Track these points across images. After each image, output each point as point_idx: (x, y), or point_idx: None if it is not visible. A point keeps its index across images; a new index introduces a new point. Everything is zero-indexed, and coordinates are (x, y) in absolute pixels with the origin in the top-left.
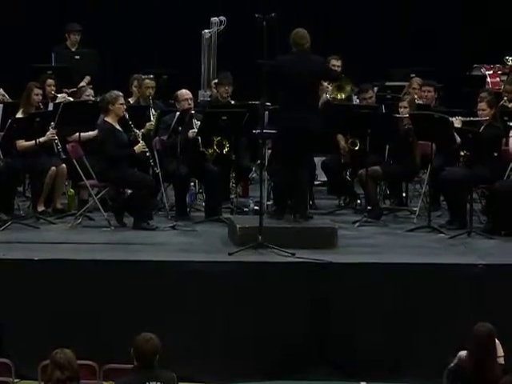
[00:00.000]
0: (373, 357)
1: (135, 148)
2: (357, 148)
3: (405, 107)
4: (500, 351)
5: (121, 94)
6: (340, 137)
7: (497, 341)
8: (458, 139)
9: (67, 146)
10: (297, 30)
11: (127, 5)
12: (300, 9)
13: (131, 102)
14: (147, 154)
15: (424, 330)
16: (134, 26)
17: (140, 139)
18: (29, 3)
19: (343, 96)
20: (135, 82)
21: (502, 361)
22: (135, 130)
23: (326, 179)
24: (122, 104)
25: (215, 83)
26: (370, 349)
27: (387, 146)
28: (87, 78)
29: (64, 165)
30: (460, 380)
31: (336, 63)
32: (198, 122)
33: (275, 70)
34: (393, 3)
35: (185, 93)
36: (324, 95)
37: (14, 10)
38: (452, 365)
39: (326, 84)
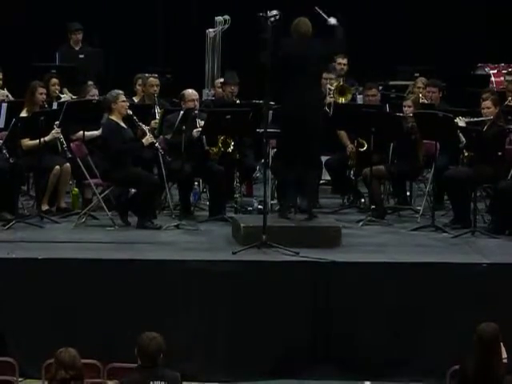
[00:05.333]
0: (376, 356)
1: (143, 140)
2: (363, 149)
3: (409, 106)
4: (504, 354)
5: (121, 92)
6: (342, 133)
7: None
8: (463, 139)
9: (71, 144)
10: (299, 18)
11: (131, 3)
12: (304, 8)
13: (136, 101)
14: (156, 144)
15: (428, 329)
16: (138, 24)
17: (148, 131)
18: (32, 2)
19: (344, 101)
20: (139, 81)
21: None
22: (140, 123)
23: (330, 178)
24: (123, 101)
25: (221, 83)
26: (373, 348)
27: (391, 145)
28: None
29: (68, 164)
30: (464, 380)
31: (342, 61)
32: (202, 122)
33: (277, 53)
34: (397, 2)
35: (192, 93)
36: (328, 98)
37: (18, 9)
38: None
39: (328, 86)
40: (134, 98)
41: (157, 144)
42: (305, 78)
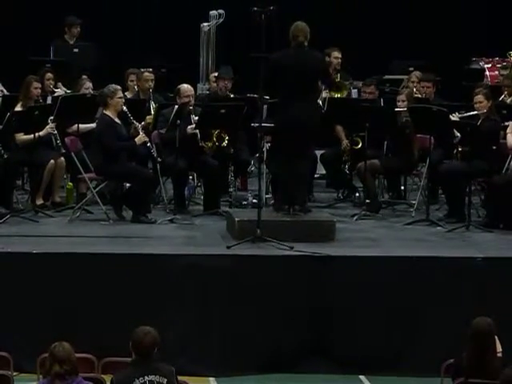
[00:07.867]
0: (372, 350)
1: (136, 139)
2: (358, 147)
3: (403, 100)
4: (498, 348)
5: (119, 87)
6: (339, 128)
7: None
8: (458, 134)
9: (66, 139)
10: (296, 23)
11: None
12: (299, 2)
13: (128, 96)
14: (148, 144)
15: (423, 322)
16: (133, 19)
17: (140, 130)
18: None
19: (339, 96)
20: (131, 76)
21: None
22: (135, 121)
23: (324, 172)
24: (120, 98)
25: (215, 77)
26: (369, 342)
27: (386, 140)
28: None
29: (63, 158)
30: (459, 374)
31: (338, 55)
32: (196, 118)
33: (274, 65)
34: None
35: (187, 89)
36: (323, 93)
37: (13, 3)
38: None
39: None
40: (126, 94)
41: (149, 144)
42: (301, 88)
